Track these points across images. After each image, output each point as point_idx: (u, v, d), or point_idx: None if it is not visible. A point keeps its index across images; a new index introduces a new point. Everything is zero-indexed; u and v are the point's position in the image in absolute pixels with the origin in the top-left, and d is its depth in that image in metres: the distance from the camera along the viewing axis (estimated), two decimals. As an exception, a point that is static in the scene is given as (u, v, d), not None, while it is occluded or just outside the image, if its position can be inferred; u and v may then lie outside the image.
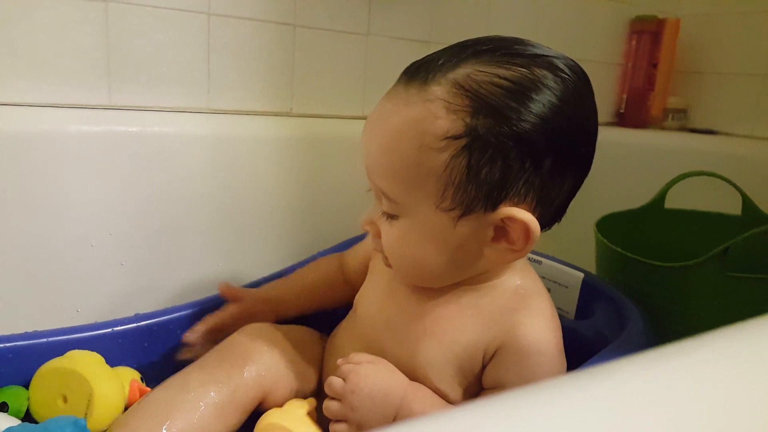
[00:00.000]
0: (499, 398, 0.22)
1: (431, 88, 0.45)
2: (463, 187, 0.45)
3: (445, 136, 0.44)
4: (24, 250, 0.69)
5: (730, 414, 0.22)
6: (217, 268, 0.81)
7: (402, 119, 0.46)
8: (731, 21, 1.26)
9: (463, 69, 0.45)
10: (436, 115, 0.44)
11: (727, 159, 1.07)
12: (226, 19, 0.82)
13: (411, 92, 0.46)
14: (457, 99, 0.44)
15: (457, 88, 0.44)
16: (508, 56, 0.45)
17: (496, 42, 0.47)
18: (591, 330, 0.61)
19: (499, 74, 0.44)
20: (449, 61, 0.45)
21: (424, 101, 0.44)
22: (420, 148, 0.44)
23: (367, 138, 0.49)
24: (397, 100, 0.47)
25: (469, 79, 0.44)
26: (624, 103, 1.34)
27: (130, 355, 0.65)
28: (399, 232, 0.49)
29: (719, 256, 0.64)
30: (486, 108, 0.43)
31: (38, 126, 0.69)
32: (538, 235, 0.45)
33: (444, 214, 0.46)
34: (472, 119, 0.43)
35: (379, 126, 0.48)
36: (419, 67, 0.47)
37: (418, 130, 0.44)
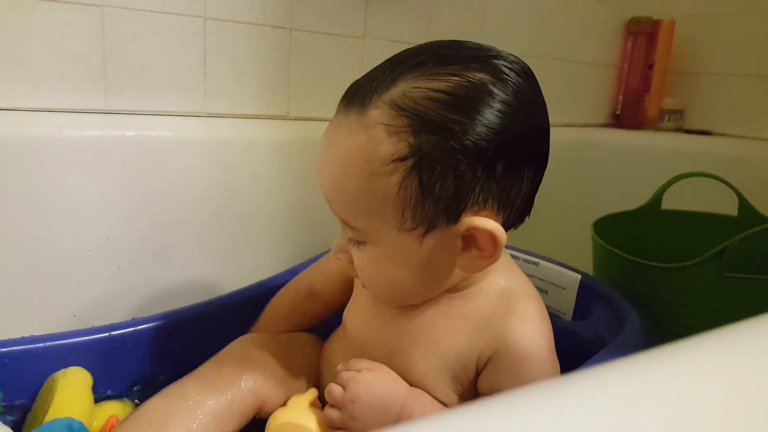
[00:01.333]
0: (496, 399, 0.22)
1: (369, 113, 0.44)
2: (420, 205, 0.44)
3: (390, 160, 0.43)
4: (21, 255, 0.69)
5: (727, 414, 0.22)
6: (214, 272, 0.81)
7: (346, 149, 0.45)
8: (726, 22, 1.26)
9: (398, 87, 0.43)
10: (378, 141, 0.43)
11: (723, 160, 1.08)
12: (222, 23, 0.82)
13: (351, 119, 0.45)
14: (396, 120, 0.43)
15: (394, 109, 0.43)
16: (441, 65, 0.44)
17: (428, 51, 0.45)
18: (589, 331, 0.61)
19: (433, 87, 0.43)
20: (383, 81, 0.44)
21: (364, 128, 0.44)
22: (369, 176, 0.44)
23: (321, 168, 0.48)
24: (340, 129, 0.46)
25: (405, 98, 0.43)
26: (620, 104, 1.35)
27: (127, 360, 0.64)
28: (369, 256, 0.48)
29: (716, 257, 0.64)
30: (427, 125, 0.42)
31: (35, 131, 0.69)
32: (505, 239, 0.45)
33: (408, 234, 0.46)
34: (415, 138, 0.42)
35: (329, 157, 0.47)
36: (356, 91, 0.46)
37: (364, 158, 0.44)
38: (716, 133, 1.26)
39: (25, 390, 0.59)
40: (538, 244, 0.66)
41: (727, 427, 0.21)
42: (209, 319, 0.69)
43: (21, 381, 0.59)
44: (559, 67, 1.25)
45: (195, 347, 0.67)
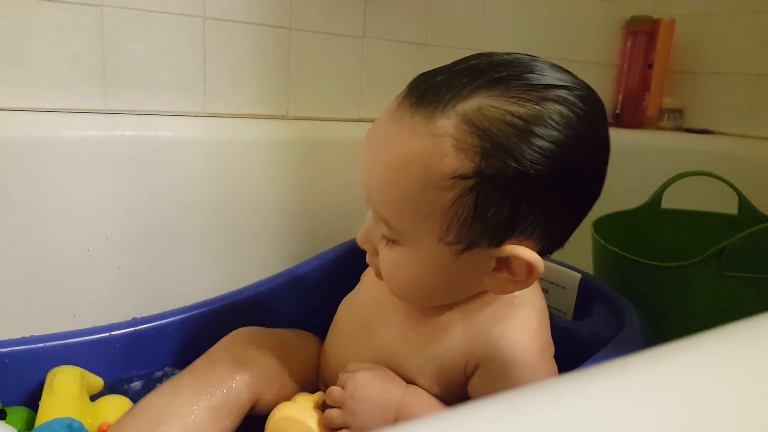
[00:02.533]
0: (495, 399, 0.22)
1: (440, 121, 0.42)
2: (468, 224, 0.43)
3: (452, 176, 0.42)
4: (21, 255, 0.69)
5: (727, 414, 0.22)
6: (214, 272, 0.81)
7: (407, 151, 0.43)
8: (726, 21, 1.26)
9: (474, 101, 0.42)
10: (444, 153, 0.42)
11: (723, 158, 1.07)
12: (221, 23, 0.82)
13: (417, 121, 0.43)
14: (467, 137, 0.41)
15: (467, 125, 0.41)
16: (522, 89, 0.42)
17: (509, 68, 0.44)
18: (588, 330, 0.61)
19: (512, 111, 0.41)
20: (460, 91, 0.42)
21: (431, 135, 0.42)
22: (426, 185, 0.43)
23: (369, 160, 0.46)
24: (402, 127, 0.44)
25: (481, 116, 0.41)
26: (619, 103, 1.34)
27: (127, 360, 0.64)
28: (398, 256, 0.48)
29: (716, 256, 0.64)
30: (496, 148, 0.41)
31: (34, 131, 0.69)
32: (542, 271, 0.44)
33: (447, 247, 0.45)
34: (482, 160, 0.41)
35: (383, 152, 0.45)
36: (427, 90, 0.44)
37: (424, 166, 0.42)
38: (716, 132, 1.26)
39: (26, 390, 0.59)
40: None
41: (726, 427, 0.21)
42: (209, 319, 0.69)
43: (21, 381, 0.59)
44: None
45: (195, 347, 0.67)
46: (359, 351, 0.56)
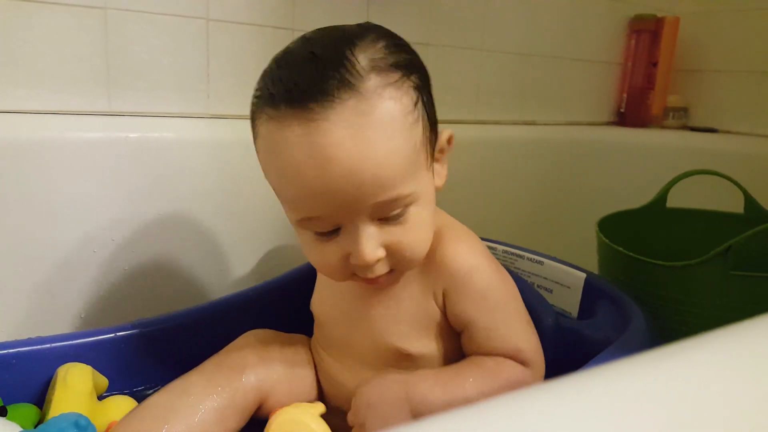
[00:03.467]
0: (500, 399, 0.22)
1: (365, 85, 0.43)
2: (432, 136, 0.48)
3: (413, 106, 0.46)
4: (26, 257, 0.69)
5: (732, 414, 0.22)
6: (219, 273, 0.81)
7: (375, 128, 0.43)
8: (730, 18, 1.25)
9: (360, 58, 0.44)
10: (397, 98, 0.44)
11: (728, 157, 1.07)
12: (224, 24, 0.82)
13: (353, 105, 0.42)
14: (391, 75, 0.45)
15: (382, 72, 0.44)
16: (352, 35, 0.46)
17: (331, 35, 0.47)
18: (593, 330, 0.61)
19: (379, 45, 0.46)
20: (338, 63, 0.43)
21: (377, 99, 0.43)
22: (409, 132, 0.45)
23: (341, 176, 0.43)
24: (351, 122, 0.42)
25: (376, 61, 0.44)
26: (624, 102, 1.34)
27: (132, 361, 0.65)
28: (415, 220, 0.47)
29: (722, 255, 0.64)
30: (407, 68, 0.46)
31: (38, 133, 0.69)
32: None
33: (428, 171, 0.49)
34: (411, 81, 0.46)
35: (356, 152, 0.43)
36: (311, 87, 0.43)
37: (396, 120, 0.44)
38: (721, 131, 1.25)
39: (31, 390, 0.59)
40: (542, 243, 0.66)
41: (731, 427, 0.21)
42: (214, 321, 0.69)
43: (27, 382, 0.59)
44: (562, 65, 1.25)
45: (200, 349, 0.67)
46: (337, 342, 0.57)
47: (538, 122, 1.24)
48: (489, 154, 1.10)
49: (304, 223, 0.48)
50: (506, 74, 1.17)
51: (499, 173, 1.11)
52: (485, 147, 1.10)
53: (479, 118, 1.14)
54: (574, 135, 1.25)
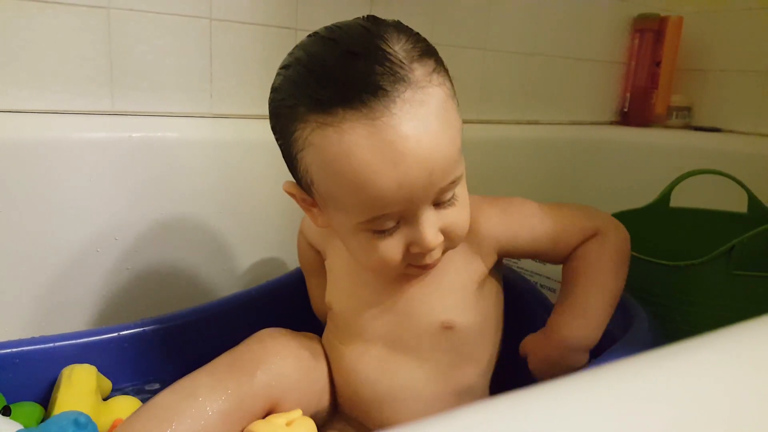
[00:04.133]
0: (505, 398, 0.22)
1: (415, 77, 0.44)
2: (459, 116, 0.49)
3: (452, 90, 0.48)
4: (29, 256, 0.69)
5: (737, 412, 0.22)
6: (222, 272, 0.82)
7: (438, 114, 0.45)
8: (734, 18, 1.25)
9: (396, 49, 0.45)
10: (443, 84, 0.46)
11: (731, 156, 1.07)
12: (227, 24, 0.83)
13: (410, 98, 0.43)
14: (429, 64, 0.46)
15: (420, 61, 0.45)
16: (373, 32, 0.47)
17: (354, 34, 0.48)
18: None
19: (404, 37, 0.47)
20: (383, 59, 0.44)
21: (429, 87, 0.45)
22: (456, 115, 0.47)
23: (424, 164, 0.44)
24: (415, 114, 0.43)
25: (410, 52, 0.45)
26: (627, 101, 1.34)
27: (135, 360, 0.65)
28: (461, 200, 0.49)
29: (725, 255, 0.64)
30: (432, 54, 0.47)
31: (42, 133, 0.69)
32: None
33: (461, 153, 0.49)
34: (439, 65, 0.47)
35: (430, 140, 0.44)
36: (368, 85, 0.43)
37: (449, 105, 0.46)
38: (725, 130, 1.25)
39: (35, 390, 0.59)
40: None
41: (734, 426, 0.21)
42: (216, 320, 0.69)
43: (31, 381, 0.59)
44: (565, 65, 1.25)
45: (203, 348, 0.67)
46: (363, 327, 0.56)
47: (541, 122, 1.24)
48: (492, 153, 1.10)
49: (366, 225, 0.47)
50: (509, 74, 1.17)
51: (502, 173, 1.11)
52: (489, 146, 1.10)
53: (483, 117, 1.14)
54: (578, 134, 1.25)
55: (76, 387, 0.56)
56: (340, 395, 0.59)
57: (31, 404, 0.58)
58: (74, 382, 0.57)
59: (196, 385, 0.52)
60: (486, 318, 0.56)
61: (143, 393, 0.64)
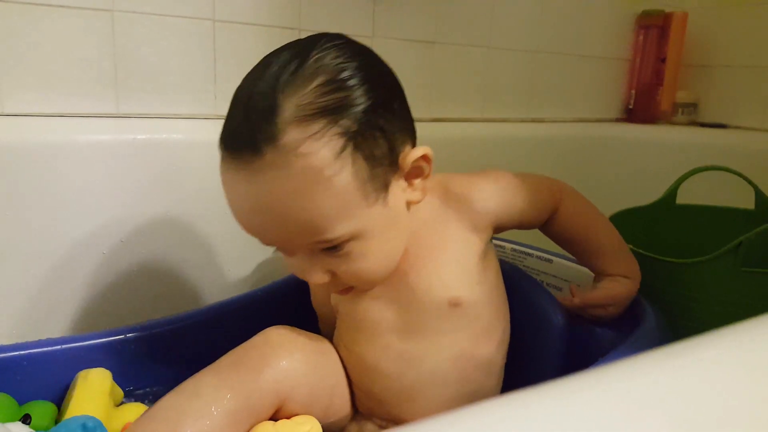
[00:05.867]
0: (513, 396, 0.22)
1: (283, 141, 0.44)
2: (373, 176, 0.48)
3: (335, 158, 0.45)
4: (36, 259, 0.69)
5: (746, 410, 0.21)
6: (228, 274, 0.82)
7: (290, 183, 0.45)
8: (739, 13, 1.24)
9: (286, 106, 0.45)
10: (315, 151, 0.45)
11: (738, 153, 1.06)
12: (231, 25, 0.83)
13: (270, 159, 0.45)
14: (313, 127, 0.45)
15: (303, 122, 0.45)
16: (294, 71, 0.46)
17: (272, 72, 0.47)
18: (604, 327, 0.61)
19: (313, 86, 0.46)
20: (265, 112, 0.45)
21: (292, 154, 0.44)
22: (326, 185, 0.45)
23: (261, 223, 0.49)
24: (268, 176, 0.45)
25: (301, 108, 0.45)
26: (632, 98, 1.33)
27: (142, 362, 0.65)
28: (357, 252, 0.50)
29: (732, 252, 0.63)
30: (335, 112, 0.46)
31: (47, 136, 0.69)
32: (431, 152, 0.51)
33: (377, 205, 0.49)
34: (339, 127, 0.45)
35: (271, 205, 0.47)
36: (236, 139, 0.47)
37: (312, 175, 0.45)
38: (731, 126, 1.24)
39: (43, 392, 0.60)
40: (551, 241, 0.66)
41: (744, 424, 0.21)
42: (223, 322, 0.69)
43: (38, 383, 0.59)
44: (570, 62, 1.24)
45: (209, 349, 0.67)
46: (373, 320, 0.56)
47: (546, 119, 1.24)
48: (497, 151, 1.10)
49: None
50: (514, 71, 1.17)
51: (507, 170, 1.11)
52: (493, 145, 1.10)
53: (487, 115, 1.14)
54: (583, 132, 1.25)
55: (91, 387, 0.56)
56: (360, 391, 0.58)
57: (45, 403, 0.58)
58: (90, 381, 0.57)
59: (200, 385, 0.51)
60: (491, 290, 0.57)
61: (149, 396, 0.64)
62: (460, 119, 1.09)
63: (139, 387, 0.65)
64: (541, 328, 0.60)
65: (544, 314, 0.60)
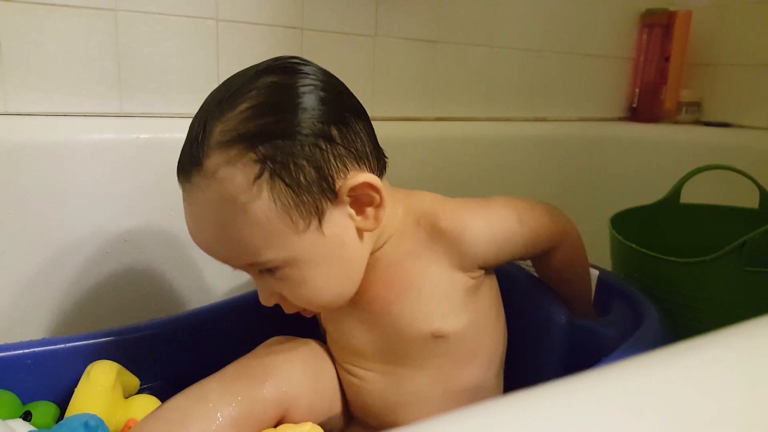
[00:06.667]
0: (515, 396, 0.22)
1: (205, 165, 0.46)
2: (299, 202, 0.47)
3: (251, 183, 0.45)
4: (39, 258, 0.70)
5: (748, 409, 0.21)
6: (230, 273, 0.81)
7: (209, 207, 0.47)
8: (743, 11, 1.24)
9: (214, 132, 0.46)
10: (230, 177, 0.45)
11: (742, 152, 1.06)
12: (234, 25, 0.83)
13: (195, 184, 0.47)
14: (231, 151, 0.45)
15: (223, 146, 0.46)
16: (232, 95, 0.47)
17: (209, 98, 0.50)
18: (607, 327, 0.60)
19: (240, 110, 0.46)
20: (198, 139, 0.47)
21: (211, 178, 0.46)
22: (244, 209, 0.46)
23: (202, 241, 0.50)
24: (195, 198, 0.48)
25: (225, 133, 0.46)
26: (636, 97, 1.33)
27: (145, 362, 0.65)
28: (294, 278, 0.50)
29: (736, 251, 0.63)
30: (256, 138, 0.45)
31: (50, 135, 0.70)
32: (379, 181, 0.49)
33: (307, 233, 0.48)
34: (256, 153, 0.45)
35: (201, 228, 0.49)
36: (182, 164, 0.49)
37: (230, 200, 0.46)
38: (735, 125, 1.24)
39: (47, 391, 0.60)
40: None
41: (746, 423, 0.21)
42: (227, 321, 0.69)
43: (42, 382, 0.60)
44: (573, 61, 1.24)
45: (213, 349, 0.67)
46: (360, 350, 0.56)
47: (549, 118, 1.23)
48: (500, 150, 1.10)
49: None
50: (516, 70, 1.16)
51: (510, 170, 1.11)
52: (496, 144, 1.10)
53: (490, 114, 1.14)
54: (586, 131, 1.25)
55: (93, 383, 0.56)
56: (351, 404, 0.59)
57: (47, 403, 0.58)
58: (92, 378, 0.57)
59: (206, 390, 0.52)
60: (480, 317, 0.55)
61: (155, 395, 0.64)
62: (463, 118, 1.09)
63: (145, 386, 0.65)
64: (544, 327, 0.60)
65: (547, 313, 0.60)
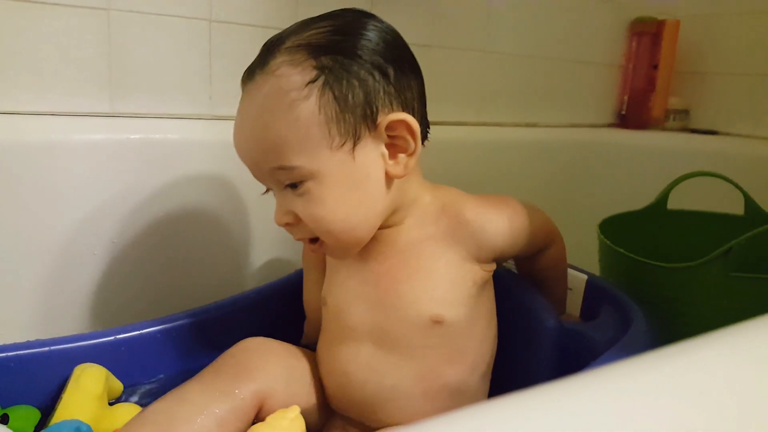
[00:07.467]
0: (505, 399, 0.22)
1: (270, 64, 0.49)
2: (341, 118, 0.49)
3: (304, 85, 0.48)
4: (27, 259, 0.69)
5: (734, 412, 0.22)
6: (222, 275, 0.82)
7: (262, 99, 0.49)
8: (731, 21, 1.26)
9: (286, 42, 0.50)
10: (288, 75, 0.48)
11: (729, 159, 1.07)
12: (226, 26, 0.83)
13: (257, 80, 0.50)
14: (296, 55, 0.49)
15: (291, 50, 0.49)
16: (307, 22, 0.51)
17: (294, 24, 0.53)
18: (596, 331, 0.61)
19: (318, 26, 0.50)
20: (271, 46, 0.51)
21: (271, 75, 0.49)
22: (290, 107, 0.48)
23: (238, 135, 0.52)
24: (250, 93, 0.51)
25: (297, 40, 0.49)
26: (625, 104, 1.34)
27: (132, 364, 0.65)
28: (314, 195, 0.50)
29: (722, 257, 0.64)
30: (322, 49, 0.49)
31: (41, 135, 0.69)
32: (419, 128, 0.50)
33: (340, 152, 0.49)
34: (317, 61, 0.48)
35: (246, 118, 0.51)
36: (252, 66, 0.52)
37: (281, 95, 0.48)
38: (722, 133, 1.26)
39: (31, 394, 0.59)
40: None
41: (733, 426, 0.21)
42: (215, 323, 0.69)
43: (27, 385, 0.59)
44: (563, 67, 1.25)
45: (201, 351, 0.67)
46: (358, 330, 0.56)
47: (539, 124, 1.24)
48: (491, 155, 1.10)
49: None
50: (508, 76, 1.17)
51: (500, 175, 1.11)
52: (487, 149, 1.10)
53: (481, 119, 1.15)
54: (576, 137, 1.26)
55: (82, 390, 0.56)
56: (332, 397, 0.59)
57: (27, 407, 0.58)
58: (81, 384, 0.56)
59: (185, 391, 0.53)
60: (477, 314, 0.56)
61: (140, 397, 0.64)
62: (455, 123, 1.09)
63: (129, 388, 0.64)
64: (533, 331, 0.60)
65: (537, 317, 0.60)
